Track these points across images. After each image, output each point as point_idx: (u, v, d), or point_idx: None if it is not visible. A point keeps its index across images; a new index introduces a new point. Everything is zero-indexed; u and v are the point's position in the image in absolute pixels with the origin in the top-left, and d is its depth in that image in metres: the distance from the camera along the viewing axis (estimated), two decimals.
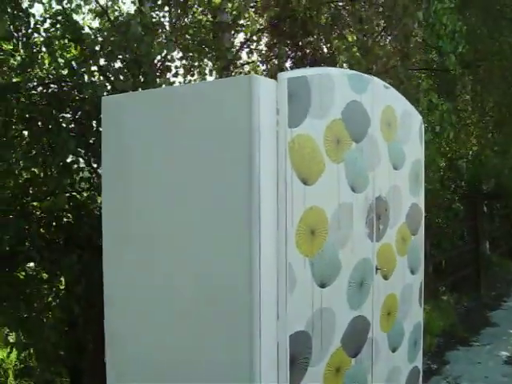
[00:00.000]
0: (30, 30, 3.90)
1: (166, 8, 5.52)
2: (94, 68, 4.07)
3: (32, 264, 3.72)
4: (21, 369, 3.72)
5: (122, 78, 3.62)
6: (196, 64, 5.28)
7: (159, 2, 5.07)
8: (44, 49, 3.79)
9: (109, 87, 3.88)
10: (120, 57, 3.73)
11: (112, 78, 3.77)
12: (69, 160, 3.58)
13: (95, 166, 3.79)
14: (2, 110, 3.65)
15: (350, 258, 2.82)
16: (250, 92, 2.27)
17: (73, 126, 3.67)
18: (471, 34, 5.30)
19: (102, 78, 4.07)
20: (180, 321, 2.51)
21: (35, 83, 3.77)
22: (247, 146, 2.27)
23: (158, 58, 4.67)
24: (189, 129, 2.48)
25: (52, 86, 3.73)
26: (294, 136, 2.41)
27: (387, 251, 3.15)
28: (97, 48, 3.68)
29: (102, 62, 4.02)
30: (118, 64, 3.78)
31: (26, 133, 3.74)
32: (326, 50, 5.40)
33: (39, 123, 3.62)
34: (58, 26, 3.90)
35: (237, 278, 2.33)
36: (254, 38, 5.96)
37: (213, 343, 2.40)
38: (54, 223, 3.57)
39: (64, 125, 3.49)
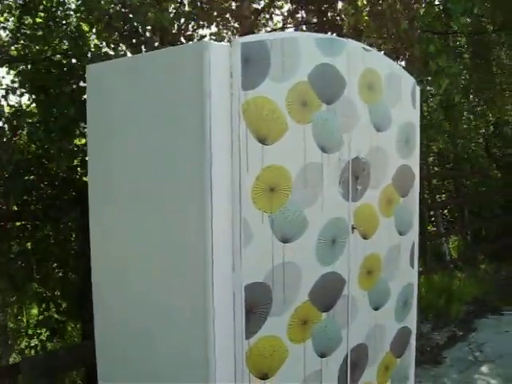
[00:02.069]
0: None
1: None
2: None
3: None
4: (40, 320, 4.07)
5: (122, 47, 3.81)
6: (214, 33, 5.38)
7: None
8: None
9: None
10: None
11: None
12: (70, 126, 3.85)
13: None
14: (18, 80, 3.94)
15: (319, 216, 2.92)
16: (200, 57, 2.39)
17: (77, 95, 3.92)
18: None
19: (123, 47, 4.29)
20: (145, 275, 2.75)
21: (48, 54, 4.04)
22: (199, 108, 2.41)
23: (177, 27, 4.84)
24: (150, 95, 2.65)
25: (58, 56, 3.97)
26: (248, 98, 2.52)
27: (367, 211, 3.22)
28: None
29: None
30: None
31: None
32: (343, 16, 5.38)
33: (49, 91, 3.89)
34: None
35: (190, 232, 2.51)
36: (276, 3, 5.99)
37: (172, 292, 2.61)
38: (56, 183, 3.86)
39: (65, 93, 3.74)
